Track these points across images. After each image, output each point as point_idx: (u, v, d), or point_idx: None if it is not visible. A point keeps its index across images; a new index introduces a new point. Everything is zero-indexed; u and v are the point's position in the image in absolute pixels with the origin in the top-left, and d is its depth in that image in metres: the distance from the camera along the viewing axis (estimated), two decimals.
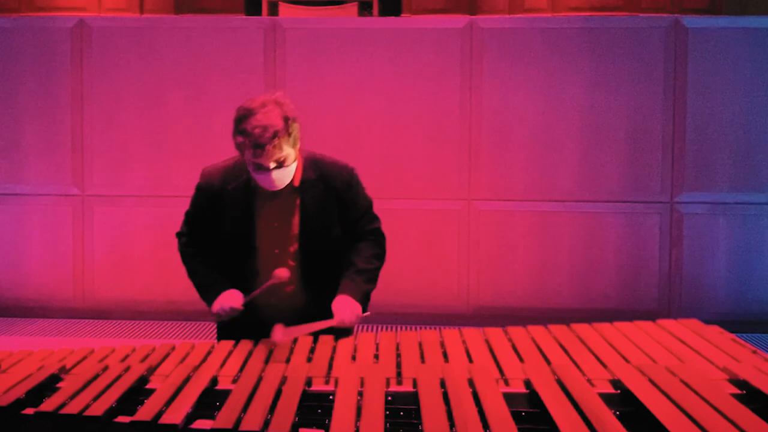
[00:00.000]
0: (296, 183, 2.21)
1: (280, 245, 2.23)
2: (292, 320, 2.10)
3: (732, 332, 2.09)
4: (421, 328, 4.60)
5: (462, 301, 4.92)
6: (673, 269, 4.82)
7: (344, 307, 2.15)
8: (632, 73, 4.77)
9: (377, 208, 2.40)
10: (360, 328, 4.83)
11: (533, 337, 2.03)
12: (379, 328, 4.82)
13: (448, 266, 4.91)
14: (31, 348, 2.08)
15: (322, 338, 2.07)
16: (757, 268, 4.80)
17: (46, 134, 4.99)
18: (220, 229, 2.24)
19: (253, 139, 2.01)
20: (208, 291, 2.23)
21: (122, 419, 1.56)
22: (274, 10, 6.17)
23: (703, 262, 4.82)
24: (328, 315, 2.13)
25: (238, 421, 1.47)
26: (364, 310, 2.22)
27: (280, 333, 2.03)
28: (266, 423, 1.47)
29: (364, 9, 6.23)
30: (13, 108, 5.00)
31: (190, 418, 1.56)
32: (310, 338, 2.07)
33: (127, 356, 1.99)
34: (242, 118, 2.05)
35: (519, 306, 4.87)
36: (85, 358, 1.97)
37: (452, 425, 1.42)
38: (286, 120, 2.05)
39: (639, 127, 4.78)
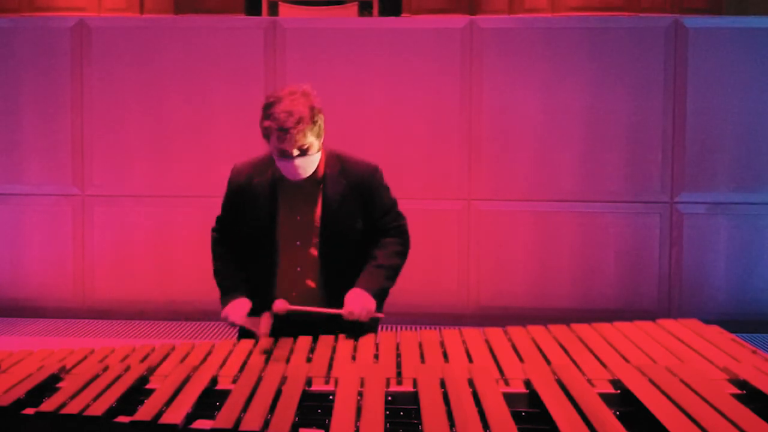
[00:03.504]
0: (319, 176, 2.26)
1: (301, 237, 2.26)
2: (310, 314, 2.16)
3: (732, 332, 2.09)
4: (421, 328, 4.60)
5: (462, 301, 4.92)
6: (673, 269, 4.82)
7: (356, 300, 2.15)
8: (632, 73, 4.77)
9: None
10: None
11: (533, 337, 2.03)
12: (379, 328, 4.81)
13: (448, 266, 4.91)
14: (31, 348, 2.08)
15: (322, 338, 2.07)
16: (757, 268, 4.80)
17: (46, 134, 4.99)
18: (246, 222, 2.29)
19: (278, 124, 2.08)
20: (224, 294, 2.29)
21: (122, 419, 1.56)
22: (274, 10, 6.16)
23: (703, 262, 4.82)
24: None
25: (238, 421, 1.47)
26: (379, 308, 2.21)
27: (280, 305, 2.11)
28: (266, 423, 1.47)
29: (364, 9, 6.23)
30: (13, 108, 5.00)
31: (190, 418, 1.56)
32: (310, 338, 2.07)
33: (127, 356, 1.98)
34: (270, 104, 2.13)
35: (519, 306, 4.86)
36: (85, 358, 1.97)
37: (452, 425, 1.42)
38: (312, 109, 2.13)
39: (639, 127, 4.78)
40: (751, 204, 4.77)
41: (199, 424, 1.55)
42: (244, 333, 2.27)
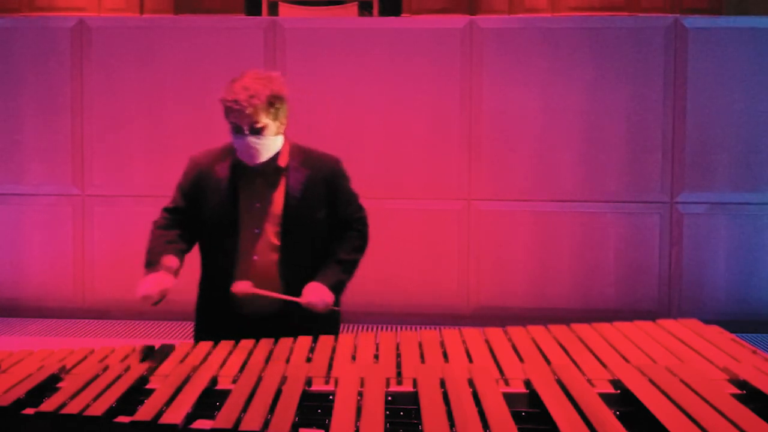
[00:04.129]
0: (282, 165, 2.27)
1: (260, 225, 2.26)
2: (270, 306, 2.20)
3: (732, 332, 2.09)
4: (421, 328, 4.60)
5: (462, 300, 4.92)
6: (673, 269, 4.82)
7: (314, 291, 2.20)
8: (632, 73, 4.77)
9: (378, 208, 2.42)
10: (361, 328, 4.84)
11: (533, 337, 2.03)
12: (379, 328, 4.82)
13: (448, 266, 4.90)
14: (31, 348, 2.08)
15: (322, 338, 2.07)
16: (757, 268, 4.80)
17: (46, 134, 4.99)
18: (204, 209, 2.29)
19: (232, 96, 2.12)
20: (146, 267, 2.30)
21: (122, 419, 1.56)
22: (274, 10, 6.16)
23: (703, 262, 4.82)
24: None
25: (238, 421, 1.47)
26: (336, 302, 2.25)
27: (241, 287, 2.16)
28: (266, 423, 1.47)
29: (364, 9, 6.23)
30: (13, 108, 5.00)
31: (190, 418, 1.56)
32: (310, 338, 2.07)
33: (127, 356, 1.99)
34: (232, 80, 2.17)
35: (519, 306, 4.86)
36: (85, 358, 1.97)
37: (452, 425, 1.42)
38: (271, 91, 2.15)
39: (639, 127, 4.78)
40: (751, 204, 4.77)
41: (199, 424, 1.55)
42: (200, 334, 2.29)
